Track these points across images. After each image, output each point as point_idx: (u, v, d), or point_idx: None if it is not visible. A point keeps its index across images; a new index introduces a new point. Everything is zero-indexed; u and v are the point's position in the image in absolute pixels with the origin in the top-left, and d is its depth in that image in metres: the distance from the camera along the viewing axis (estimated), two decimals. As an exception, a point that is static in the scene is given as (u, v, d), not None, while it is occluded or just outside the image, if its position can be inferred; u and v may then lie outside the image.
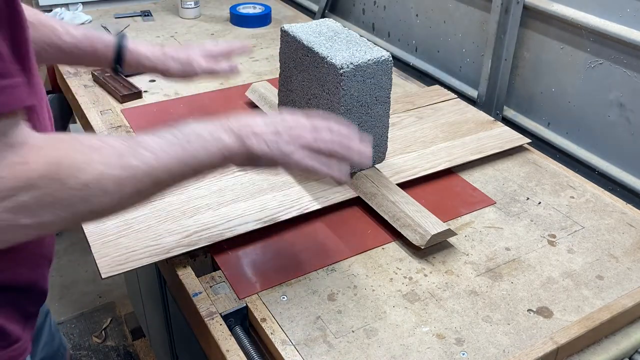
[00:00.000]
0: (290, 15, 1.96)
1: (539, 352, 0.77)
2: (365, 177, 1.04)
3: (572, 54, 1.24)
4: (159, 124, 1.34)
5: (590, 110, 1.24)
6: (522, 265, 0.92)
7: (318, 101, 1.02)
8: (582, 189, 1.10)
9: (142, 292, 1.49)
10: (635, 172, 1.18)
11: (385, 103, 1.02)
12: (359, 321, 0.81)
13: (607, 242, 0.97)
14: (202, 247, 0.91)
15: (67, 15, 1.80)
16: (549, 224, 1.01)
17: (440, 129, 1.24)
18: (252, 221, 0.96)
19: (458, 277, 0.89)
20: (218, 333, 0.79)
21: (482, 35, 1.42)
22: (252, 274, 0.88)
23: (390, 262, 0.92)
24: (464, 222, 1.01)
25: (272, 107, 1.27)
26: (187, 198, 1.00)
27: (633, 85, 1.13)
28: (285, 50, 1.10)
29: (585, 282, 0.89)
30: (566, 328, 0.81)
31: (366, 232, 0.98)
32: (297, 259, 0.91)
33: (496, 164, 1.17)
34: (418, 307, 0.84)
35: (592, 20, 1.17)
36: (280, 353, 0.76)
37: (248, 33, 1.80)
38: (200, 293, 0.85)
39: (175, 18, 1.90)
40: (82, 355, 1.94)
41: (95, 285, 2.20)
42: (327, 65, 0.97)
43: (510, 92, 1.41)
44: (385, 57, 0.98)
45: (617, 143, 1.20)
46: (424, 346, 0.78)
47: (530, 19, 1.31)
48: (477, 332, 0.80)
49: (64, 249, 2.35)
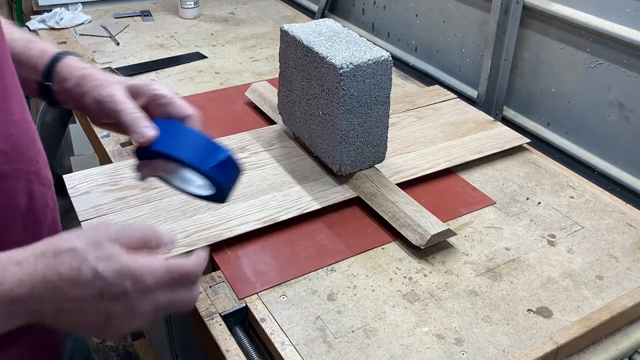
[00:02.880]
0: (290, 15, 1.97)
1: (538, 352, 0.77)
2: (365, 177, 1.04)
3: (572, 54, 1.24)
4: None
5: (590, 110, 1.24)
6: (521, 265, 0.92)
7: (318, 101, 1.02)
8: (582, 189, 1.10)
9: (142, 292, 1.49)
10: (635, 172, 1.18)
11: (385, 103, 1.02)
12: (358, 321, 0.81)
13: (606, 242, 0.97)
14: (202, 247, 0.91)
15: (66, 15, 1.80)
16: (548, 224, 1.01)
17: (440, 129, 1.24)
18: (252, 221, 0.96)
19: (458, 277, 0.89)
20: (218, 333, 0.78)
21: (482, 35, 1.42)
22: (252, 274, 0.88)
23: (390, 262, 0.92)
24: (463, 222, 1.01)
25: (272, 107, 1.27)
26: (187, 198, 1.00)
27: (633, 85, 1.13)
28: (285, 50, 1.10)
29: (585, 282, 0.89)
30: (566, 328, 0.81)
31: (366, 232, 0.98)
32: (297, 259, 0.91)
33: (496, 164, 1.17)
34: (418, 307, 0.84)
35: (592, 20, 1.17)
36: (280, 353, 0.76)
37: (248, 33, 1.80)
38: (199, 293, 0.85)
39: (175, 18, 1.90)
40: (81, 355, 1.94)
41: (95, 285, 2.20)
42: (326, 65, 0.97)
43: (510, 92, 1.41)
44: (385, 57, 0.98)
45: (616, 143, 1.20)
46: (424, 346, 0.78)
47: (530, 19, 1.31)
48: (476, 332, 0.80)
49: (63, 249, 2.35)
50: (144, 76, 1.50)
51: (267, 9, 2.01)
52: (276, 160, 1.12)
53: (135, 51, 1.64)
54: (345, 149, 1.01)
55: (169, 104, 0.72)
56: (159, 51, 1.65)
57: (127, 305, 0.53)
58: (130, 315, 0.54)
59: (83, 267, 0.51)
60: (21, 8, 2.20)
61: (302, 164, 1.11)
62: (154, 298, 0.55)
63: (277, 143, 1.17)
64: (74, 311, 0.52)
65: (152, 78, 1.49)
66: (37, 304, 0.51)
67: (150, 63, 1.57)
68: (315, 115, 1.05)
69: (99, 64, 1.55)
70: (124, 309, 0.54)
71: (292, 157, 1.13)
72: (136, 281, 0.53)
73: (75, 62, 0.75)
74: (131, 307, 0.54)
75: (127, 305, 0.53)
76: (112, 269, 0.52)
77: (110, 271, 0.52)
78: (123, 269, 0.52)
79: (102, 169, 1.07)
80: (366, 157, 1.04)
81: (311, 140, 1.09)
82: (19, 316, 0.51)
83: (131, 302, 0.54)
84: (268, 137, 1.19)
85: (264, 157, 1.13)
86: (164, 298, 0.56)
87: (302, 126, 1.11)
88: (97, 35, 1.73)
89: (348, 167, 1.03)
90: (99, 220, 0.94)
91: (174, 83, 1.47)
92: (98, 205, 0.98)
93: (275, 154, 1.14)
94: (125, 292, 0.53)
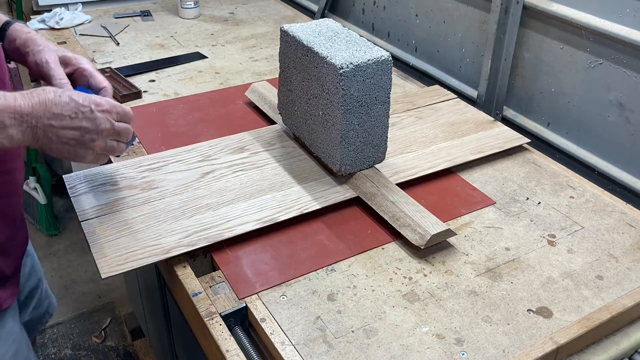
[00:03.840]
0: (290, 15, 1.97)
1: (538, 352, 0.77)
2: (365, 177, 1.04)
3: (572, 54, 1.24)
4: (158, 124, 1.34)
5: (590, 110, 1.24)
6: (521, 265, 0.92)
7: (318, 101, 1.02)
8: (582, 189, 1.10)
9: (142, 292, 1.49)
10: (635, 172, 1.18)
11: (385, 103, 1.02)
12: (358, 321, 0.81)
13: (606, 242, 0.97)
14: (202, 247, 0.91)
15: (66, 15, 1.80)
16: (548, 224, 1.01)
17: (440, 129, 1.24)
18: (252, 221, 0.96)
19: (458, 277, 0.89)
20: (218, 333, 0.78)
21: (482, 36, 1.42)
22: (252, 274, 0.88)
23: (390, 262, 0.92)
24: (463, 222, 1.01)
25: (272, 107, 1.27)
26: (187, 198, 1.00)
27: (633, 85, 1.13)
28: (285, 50, 1.10)
29: (585, 282, 0.89)
30: (566, 328, 0.81)
31: (366, 232, 0.98)
32: (297, 259, 0.91)
33: (496, 164, 1.17)
34: (418, 307, 0.84)
35: (592, 20, 1.17)
36: (279, 353, 0.76)
37: (248, 33, 1.80)
38: (199, 293, 0.85)
39: (175, 18, 1.90)
40: (81, 355, 1.94)
41: (94, 286, 2.20)
42: (326, 65, 0.97)
43: (510, 92, 1.41)
44: (385, 57, 0.98)
45: (616, 143, 1.20)
46: (424, 346, 0.78)
47: (530, 19, 1.31)
48: (476, 332, 0.80)
49: (64, 249, 2.35)
50: (144, 76, 1.50)
51: (267, 9, 2.01)
52: (276, 160, 1.12)
53: (135, 51, 1.64)
54: (345, 149, 1.01)
55: (90, 76, 0.97)
56: (159, 51, 1.65)
57: (93, 121, 0.81)
58: (96, 131, 0.82)
59: (62, 95, 0.79)
60: (21, 8, 2.20)
61: (302, 164, 1.11)
62: (110, 118, 0.83)
63: (277, 143, 1.17)
64: (57, 129, 0.78)
65: (152, 78, 1.49)
66: (35, 119, 0.76)
67: (150, 63, 1.57)
68: (315, 115, 1.05)
69: (99, 63, 1.55)
70: (91, 125, 0.81)
71: (292, 157, 1.13)
72: (97, 104, 0.82)
73: (22, 27, 0.97)
74: (96, 122, 0.81)
75: (93, 121, 0.81)
76: (82, 97, 0.81)
77: (80, 97, 0.81)
78: (88, 97, 0.82)
79: (102, 169, 1.07)
80: (366, 157, 1.05)
81: (311, 140, 1.09)
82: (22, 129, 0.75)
83: (96, 119, 0.82)
84: (268, 137, 1.19)
85: (264, 157, 1.13)
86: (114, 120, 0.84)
87: (302, 126, 1.11)
88: (97, 35, 1.73)
89: (348, 167, 1.03)
90: (99, 220, 0.95)
91: (174, 83, 1.47)
92: (98, 205, 0.98)
93: (275, 154, 1.14)
94: (92, 110, 0.81)
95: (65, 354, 1.94)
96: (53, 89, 0.80)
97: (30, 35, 0.96)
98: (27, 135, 0.77)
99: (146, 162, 1.10)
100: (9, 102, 0.74)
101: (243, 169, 1.09)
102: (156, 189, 1.02)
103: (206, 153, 1.13)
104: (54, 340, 1.98)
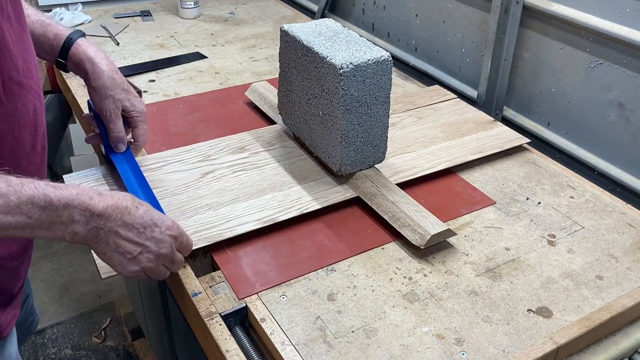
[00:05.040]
0: (290, 15, 1.97)
1: (538, 352, 0.77)
2: (365, 177, 1.04)
3: (572, 54, 1.24)
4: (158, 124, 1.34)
5: (590, 110, 1.24)
6: (521, 265, 0.92)
7: (318, 101, 1.02)
8: (582, 189, 1.10)
9: (142, 292, 1.49)
10: (635, 172, 1.18)
11: (385, 103, 1.02)
12: (358, 321, 0.81)
13: (606, 242, 0.97)
14: (202, 247, 0.91)
15: (66, 15, 1.80)
16: (548, 224, 1.01)
17: (440, 129, 1.24)
18: (252, 221, 0.96)
19: (458, 277, 0.89)
20: (218, 333, 0.78)
21: (482, 36, 1.42)
22: (252, 274, 0.88)
23: (390, 262, 0.92)
24: (463, 222, 1.01)
25: (272, 107, 1.27)
26: (187, 198, 1.00)
27: (633, 85, 1.13)
28: (285, 50, 1.10)
29: (585, 282, 0.89)
30: (566, 328, 0.81)
31: (366, 232, 0.98)
32: (297, 259, 0.91)
33: (496, 164, 1.17)
34: (418, 307, 0.84)
35: (592, 20, 1.17)
36: (279, 353, 0.76)
37: (248, 33, 1.80)
38: (199, 293, 0.85)
39: (175, 18, 1.90)
40: (81, 355, 1.94)
41: (94, 286, 2.20)
42: (326, 65, 0.97)
43: (510, 92, 1.41)
44: (385, 57, 0.98)
45: (616, 143, 1.20)
46: (424, 346, 0.78)
47: (530, 19, 1.31)
48: (476, 332, 0.80)
49: (63, 249, 2.35)
50: (144, 76, 1.50)
51: (267, 9, 2.01)
52: (276, 160, 1.12)
53: (135, 51, 1.64)
54: (345, 149, 1.01)
55: (135, 127, 1.02)
56: (159, 51, 1.65)
57: (157, 243, 0.78)
58: (156, 253, 0.78)
59: (140, 207, 0.77)
60: (21, 8, 2.21)
61: (302, 164, 1.11)
62: (173, 245, 0.80)
63: (277, 143, 1.17)
64: (121, 239, 0.75)
65: (151, 78, 1.49)
66: (104, 220, 0.73)
67: (150, 63, 1.57)
68: (315, 115, 1.05)
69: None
70: (154, 246, 0.78)
71: (292, 157, 1.13)
72: (168, 227, 0.80)
73: (84, 48, 0.98)
74: (160, 245, 0.78)
75: (157, 243, 0.78)
76: (156, 215, 0.79)
77: (155, 215, 0.78)
78: (162, 217, 0.80)
79: (102, 169, 1.07)
80: (366, 157, 1.05)
81: (311, 140, 1.09)
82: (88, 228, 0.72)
83: (160, 242, 0.78)
84: (268, 137, 1.19)
85: (264, 157, 1.13)
86: (176, 247, 0.81)
87: (302, 126, 1.11)
88: (97, 35, 1.73)
89: (348, 167, 1.03)
90: None
91: (174, 83, 1.47)
92: (98, 205, 0.97)
93: (275, 154, 1.14)
94: (161, 232, 0.78)
95: (65, 354, 1.93)
96: (132, 197, 0.77)
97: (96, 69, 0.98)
98: (91, 234, 0.73)
99: (146, 162, 1.10)
100: (83, 198, 0.71)
101: (243, 169, 1.09)
102: (156, 189, 1.02)
103: (206, 153, 1.13)
104: (54, 340, 1.98)
